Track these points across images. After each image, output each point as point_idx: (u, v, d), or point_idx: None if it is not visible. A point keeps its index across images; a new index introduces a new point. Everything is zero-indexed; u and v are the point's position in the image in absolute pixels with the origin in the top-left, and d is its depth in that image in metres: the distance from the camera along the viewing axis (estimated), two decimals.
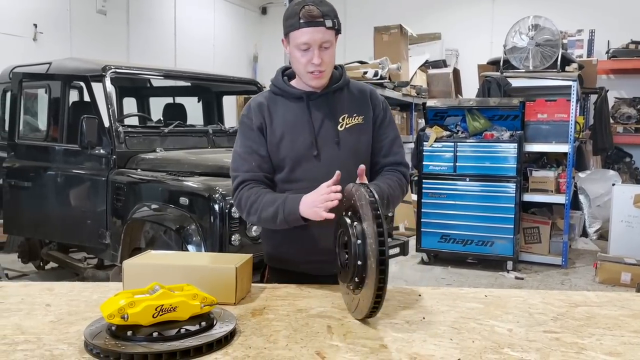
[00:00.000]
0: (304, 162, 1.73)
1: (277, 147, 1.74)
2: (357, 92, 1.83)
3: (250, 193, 1.70)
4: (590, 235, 6.70)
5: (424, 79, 8.03)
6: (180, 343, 1.15)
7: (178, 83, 5.34)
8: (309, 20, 1.63)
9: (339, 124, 1.76)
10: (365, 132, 1.79)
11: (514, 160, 5.27)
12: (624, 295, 1.63)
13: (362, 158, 1.76)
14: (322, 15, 1.64)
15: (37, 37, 6.85)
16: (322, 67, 1.68)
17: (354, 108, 1.79)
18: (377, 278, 1.27)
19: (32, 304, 1.48)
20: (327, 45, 1.67)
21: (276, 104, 1.79)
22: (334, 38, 1.69)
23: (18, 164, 4.42)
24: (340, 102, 1.79)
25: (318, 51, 1.65)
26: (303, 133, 1.74)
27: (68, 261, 4.45)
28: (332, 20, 1.65)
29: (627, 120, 7.81)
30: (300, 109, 1.76)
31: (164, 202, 3.33)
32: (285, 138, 1.74)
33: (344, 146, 1.74)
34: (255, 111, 1.79)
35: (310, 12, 1.63)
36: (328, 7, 1.67)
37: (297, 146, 1.73)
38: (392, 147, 1.83)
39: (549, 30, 5.52)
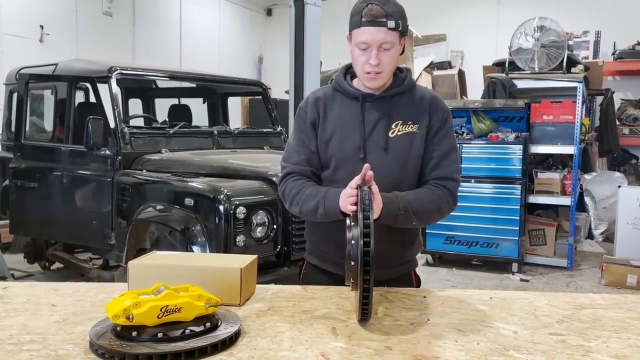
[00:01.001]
0: (349, 163, 1.69)
1: (326, 144, 1.73)
2: (418, 99, 1.75)
3: (294, 185, 1.71)
4: (595, 237, 6.67)
5: (429, 80, 8.02)
6: (185, 344, 1.15)
7: (183, 84, 5.36)
8: (371, 19, 1.59)
9: (390, 130, 1.70)
10: (417, 142, 1.71)
11: (520, 161, 5.25)
12: (630, 298, 1.62)
13: (411, 168, 1.72)
14: (385, 15, 1.59)
15: (43, 39, 6.88)
16: (379, 68, 1.63)
17: (410, 116, 1.72)
18: (362, 279, 1.26)
19: (38, 304, 1.49)
20: (387, 47, 1.61)
21: (334, 101, 1.76)
22: (397, 39, 1.63)
23: (24, 165, 4.44)
24: (397, 107, 1.72)
25: (377, 51, 1.61)
26: (353, 134, 1.70)
27: (73, 262, 4.46)
28: (396, 21, 1.60)
29: (633, 121, 7.77)
30: (354, 109, 1.72)
31: (169, 203, 3.33)
32: (335, 137, 1.72)
33: (391, 153, 1.69)
34: (312, 105, 1.77)
35: (372, 10, 1.59)
36: (393, 8, 1.62)
37: (345, 147, 1.70)
38: (442, 161, 1.72)
39: (554, 32, 5.51)
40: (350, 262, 1.33)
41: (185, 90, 5.44)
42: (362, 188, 1.39)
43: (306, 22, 4.59)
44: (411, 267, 1.87)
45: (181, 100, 5.32)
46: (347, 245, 1.36)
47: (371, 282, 1.26)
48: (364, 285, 1.26)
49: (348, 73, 1.78)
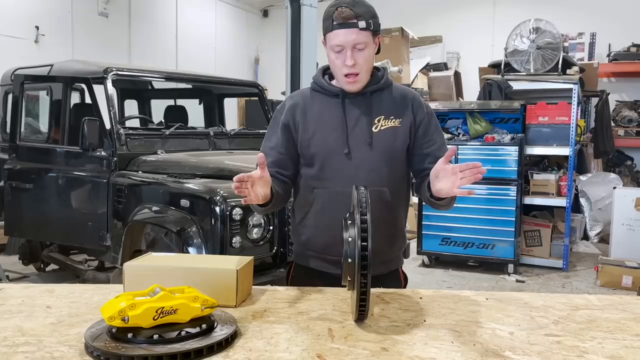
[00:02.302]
0: (334, 159, 1.73)
1: (308, 142, 1.75)
2: (398, 96, 1.79)
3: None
4: (591, 238, 6.69)
5: (425, 81, 8.04)
6: (181, 345, 1.14)
7: (179, 85, 5.35)
8: (341, 21, 1.63)
9: (373, 125, 1.74)
10: (401, 136, 1.75)
11: (515, 163, 5.26)
12: (625, 299, 1.63)
13: (396, 162, 1.76)
14: (355, 16, 1.63)
15: (38, 39, 6.87)
16: (355, 68, 1.67)
17: (391, 111, 1.76)
18: (360, 280, 1.27)
19: (33, 305, 1.48)
20: (361, 47, 1.65)
21: (313, 101, 1.79)
22: (370, 39, 1.67)
23: (19, 166, 4.42)
24: (378, 103, 1.76)
25: (351, 52, 1.64)
26: (335, 130, 1.73)
27: (69, 263, 4.44)
28: (367, 21, 1.64)
29: (628, 123, 7.81)
30: (335, 106, 1.75)
31: (165, 204, 3.33)
32: (317, 134, 1.74)
33: (376, 148, 1.72)
34: (288, 109, 1.80)
35: (342, 13, 1.63)
36: (363, 8, 1.65)
37: (329, 143, 1.73)
38: (440, 153, 1.72)
39: (550, 33, 5.53)
40: (348, 260, 1.34)
41: (181, 91, 5.43)
42: (358, 189, 1.39)
43: (302, 24, 4.59)
44: (398, 264, 1.90)
45: (177, 101, 5.31)
46: (344, 245, 1.36)
47: (368, 281, 1.27)
48: (362, 287, 1.26)
49: (326, 74, 1.82)
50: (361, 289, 1.27)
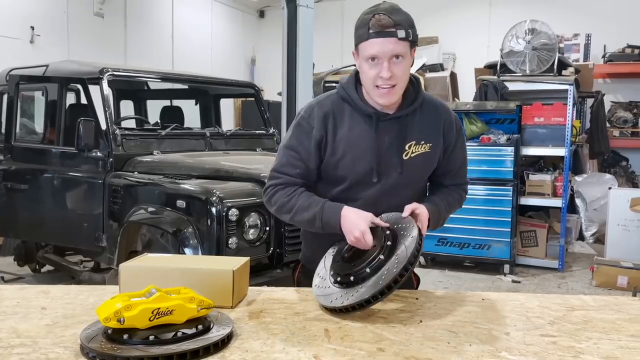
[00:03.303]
0: (360, 185, 1.66)
1: (336, 164, 1.65)
2: (430, 114, 1.69)
3: (284, 192, 1.64)
4: (586, 238, 6.71)
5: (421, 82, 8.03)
6: (177, 346, 1.14)
7: (175, 86, 5.34)
8: (379, 30, 1.50)
9: (404, 152, 1.64)
10: (430, 161, 1.69)
11: (511, 163, 5.28)
12: (621, 299, 1.63)
13: (419, 185, 1.75)
14: (394, 24, 1.51)
15: (34, 40, 6.84)
16: (392, 81, 1.54)
17: (423, 134, 1.66)
18: (398, 274, 1.39)
19: (28, 307, 1.47)
20: (398, 58, 1.53)
21: (342, 114, 1.65)
22: (408, 50, 1.55)
23: (14, 167, 4.41)
24: (411, 127, 1.65)
25: (388, 64, 1.52)
26: (365, 157, 1.63)
27: (64, 264, 4.43)
28: (406, 30, 1.52)
29: (624, 124, 7.83)
30: (367, 128, 1.63)
31: (161, 205, 3.32)
32: (346, 157, 1.63)
33: (406, 175, 1.65)
34: (320, 121, 1.64)
35: (380, 21, 1.50)
36: (402, 16, 1.54)
37: (358, 169, 1.64)
38: (460, 170, 1.78)
39: (545, 34, 5.54)
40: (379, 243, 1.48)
41: (177, 92, 5.42)
42: (412, 232, 1.49)
43: (299, 24, 4.59)
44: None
45: (173, 102, 5.30)
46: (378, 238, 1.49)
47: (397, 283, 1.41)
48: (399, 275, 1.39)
49: (359, 82, 1.66)
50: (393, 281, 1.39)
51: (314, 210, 1.59)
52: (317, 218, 1.58)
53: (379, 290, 1.37)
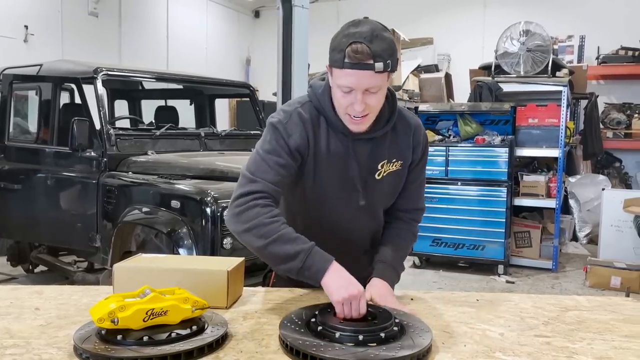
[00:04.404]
0: (334, 205, 1.58)
1: (311, 181, 1.55)
2: (401, 131, 1.61)
3: (265, 212, 1.42)
4: (580, 239, 6.74)
5: (416, 83, 8.05)
6: (171, 347, 1.14)
7: (170, 86, 5.33)
8: (356, 62, 1.36)
9: (377, 171, 1.58)
10: (401, 179, 1.63)
11: (505, 164, 5.30)
12: (614, 300, 1.64)
13: (389, 202, 1.67)
14: (373, 56, 1.36)
15: (28, 39, 6.81)
16: (364, 112, 1.44)
17: (394, 152, 1.59)
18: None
19: (21, 307, 1.46)
20: (374, 90, 1.41)
21: (319, 126, 1.54)
22: (385, 80, 1.42)
23: (8, 167, 4.38)
24: (382, 145, 1.58)
25: (362, 96, 1.40)
26: (347, 176, 1.55)
27: (58, 264, 4.41)
28: (385, 61, 1.37)
29: (617, 125, 7.87)
30: (343, 147, 1.54)
31: (155, 205, 3.31)
32: (324, 175, 1.54)
33: (378, 195, 1.60)
34: (300, 129, 1.51)
35: (357, 51, 1.35)
36: (383, 45, 1.37)
37: (335, 188, 1.56)
38: (419, 190, 1.70)
39: (539, 36, 5.56)
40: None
41: (172, 92, 5.41)
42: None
43: (294, 25, 4.59)
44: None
45: (168, 102, 5.29)
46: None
47: None
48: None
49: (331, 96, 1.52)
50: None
51: (301, 247, 1.40)
52: (300, 256, 1.39)
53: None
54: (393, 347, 1.15)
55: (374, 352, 1.13)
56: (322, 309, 1.30)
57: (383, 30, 1.41)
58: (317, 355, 1.12)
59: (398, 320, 1.25)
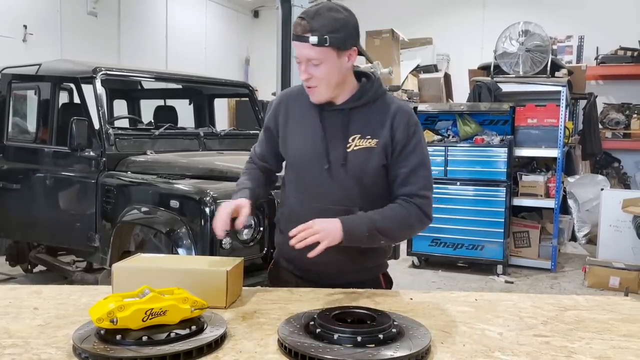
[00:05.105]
0: (308, 174, 1.70)
1: (285, 150, 1.76)
2: (380, 111, 1.67)
3: (244, 168, 1.89)
4: (579, 239, 6.74)
5: (416, 83, 8.06)
6: (170, 347, 1.14)
7: (169, 85, 5.32)
8: (296, 34, 1.56)
9: (348, 144, 1.65)
10: (375, 158, 1.64)
11: (504, 164, 5.30)
12: (613, 299, 1.64)
13: (368, 183, 1.67)
14: (310, 30, 1.52)
15: (26, 38, 6.80)
16: (310, 82, 1.60)
17: (369, 129, 1.65)
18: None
19: (20, 307, 1.46)
20: (315, 62, 1.56)
21: (297, 103, 1.74)
22: (327, 55, 1.55)
23: (6, 166, 4.38)
24: (355, 121, 1.66)
25: (305, 66, 1.58)
26: (313, 145, 1.67)
27: (56, 264, 4.40)
28: (322, 36, 1.52)
29: (616, 125, 7.88)
30: (314, 118, 1.68)
31: (154, 205, 3.31)
32: (295, 144, 1.72)
33: (349, 169, 1.65)
34: (273, 108, 1.81)
35: (298, 25, 1.55)
36: (322, 22, 1.53)
37: (305, 157, 1.70)
38: (409, 177, 1.65)
39: (538, 36, 5.57)
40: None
41: (171, 92, 5.41)
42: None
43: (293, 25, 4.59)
44: (379, 272, 1.84)
45: (167, 102, 5.28)
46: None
47: None
48: None
49: None
50: None
51: (237, 187, 1.78)
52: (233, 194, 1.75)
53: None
54: (391, 348, 1.16)
55: (372, 353, 1.13)
56: (321, 312, 1.30)
57: (332, 10, 1.57)
58: (315, 356, 1.12)
59: (397, 322, 1.25)
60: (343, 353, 1.13)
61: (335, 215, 1.60)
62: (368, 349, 1.15)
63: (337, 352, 1.13)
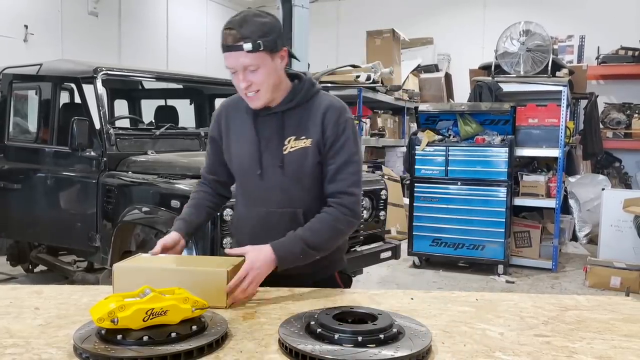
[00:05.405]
0: (248, 180, 1.74)
1: (229, 158, 1.79)
2: (312, 110, 1.69)
3: (192, 195, 1.89)
4: (580, 239, 6.74)
5: (416, 83, 8.06)
6: (171, 347, 1.14)
7: (170, 85, 5.33)
8: (228, 45, 1.57)
9: (284, 146, 1.67)
10: (311, 157, 1.66)
11: (505, 164, 5.29)
12: (614, 299, 1.64)
13: (307, 184, 1.69)
14: (242, 38, 1.54)
15: (27, 38, 6.81)
16: (252, 88, 1.61)
17: (302, 130, 1.68)
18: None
19: (21, 307, 1.46)
20: (252, 69, 1.58)
21: (237, 112, 1.77)
22: (262, 59, 1.57)
23: (7, 166, 4.38)
24: (289, 122, 1.69)
25: (243, 75, 1.59)
26: (250, 150, 1.71)
27: (57, 264, 4.41)
28: (255, 42, 1.54)
29: (617, 125, 7.88)
30: (250, 124, 1.72)
31: (155, 205, 3.31)
32: (235, 151, 1.76)
33: (287, 170, 1.67)
34: (214, 119, 1.84)
35: (227, 36, 1.56)
36: (251, 28, 1.55)
37: (244, 163, 1.74)
38: (337, 174, 1.67)
39: (539, 36, 5.56)
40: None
41: (171, 92, 5.41)
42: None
43: (294, 24, 4.60)
44: (332, 270, 1.82)
45: (168, 102, 5.28)
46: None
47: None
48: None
49: None
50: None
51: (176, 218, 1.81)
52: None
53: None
54: (392, 348, 1.15)
55: (373, 353, 1.13)
56: (322, 312, 1.30)
57: (257, 15, 1.60)
58: (316, 356, 1.12)
59: (397, 322, 1.25)
60: (344, 353, 1.13)
61: (280, 218, 1.69)
62: (369, 349, 1.15)
63: (337, 352, 1.13)
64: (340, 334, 1.18)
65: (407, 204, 5.84)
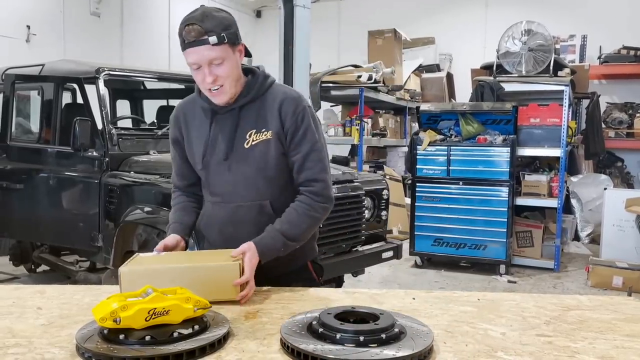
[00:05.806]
0: (213, 176, 1.76)
1: (192, 157, 1.80)
2: (269, 103, 1.72)
3: (173, 202, 1.93)
4: (582, 239, 6.73)
5: (418, 83, 8.06)
6: (173, 347, 1.14)
7: (172, 85, 5.33)
8: (191, 40, 1.56)
9: (245, 140, 1.70)
10: (273, 148, 1.70)
11: (507, 164, 5.29)
12: (616, 299, 1.64)
13: (272, 174, 1.72)
14: (205, 32, 1.55)
15: (30, 39, 6.82)
16: (217, 83, 1.62)
17: (262, 122, 1.70)
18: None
19: (23, 307, 1.47)
20: (218, 62, 1.59)
21: (195, 112, 1.78)
22: (227, 52, 1.59)
23: (10, 166, 4.39)
24: (247, 117, 1.71)
25: (209, 69, 1.59)
26: (212, 147, 1.73)
27: (60, 264, 4.42)
28: (219, 35, 1.56)
29: (619, 125, 7.86)
30: (208, 122, 1.74)
31: (157, 205, 3.31)
32: (196, 150, 1.77)
33: (251, 163, 1.70)
34: (172, 122, 1.85)
35: (191, 32, 1.56)
36: (214, 22, 1.57)
37: (206, 160, 1.75)
38: (305, 163, 1.71)
39: (541, 35, 5.56)
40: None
41: (173, 92, 5.40)
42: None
43: (295, 24, 4.60)
44: (305, 259, 1.85)
45: (170, 102, 5.28)
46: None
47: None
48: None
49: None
50: None
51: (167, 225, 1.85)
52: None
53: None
54: (394, 348, 1.16)
55: (375, 352, 1.13)
56: (324, 311, 1.30)
57: (216, 10, 1.62)
58: (318, 356, 1.12)
59: (399, 322, 1.25)
60: (346, 353, 1.13)
61: (248, 211, 1.72)
62: (370, 348, 1.15)
63: (339, 352, 1.13)
64: (342, 334, 1.18)
65: (409, 204, 5.84)
